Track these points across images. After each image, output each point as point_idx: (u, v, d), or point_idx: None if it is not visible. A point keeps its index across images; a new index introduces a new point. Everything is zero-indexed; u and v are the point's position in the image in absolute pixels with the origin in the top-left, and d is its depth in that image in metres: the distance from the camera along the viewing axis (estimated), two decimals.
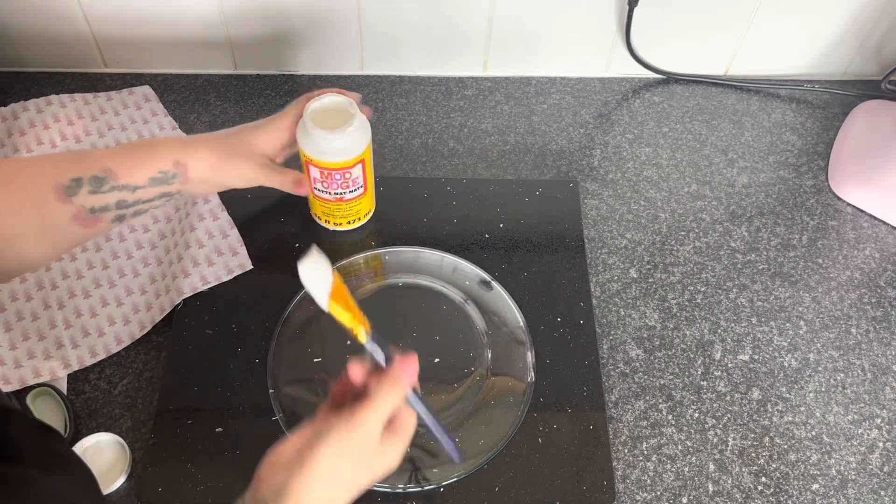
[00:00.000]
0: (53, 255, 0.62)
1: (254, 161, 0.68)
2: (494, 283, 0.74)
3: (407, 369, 0.52)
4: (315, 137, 0.68)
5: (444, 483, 0.63)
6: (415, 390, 0.54)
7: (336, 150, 0.68)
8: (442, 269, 0.75)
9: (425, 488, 0.63)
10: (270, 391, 0.67)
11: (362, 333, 0.52)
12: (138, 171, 0.61)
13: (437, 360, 0.70)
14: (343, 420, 0.49)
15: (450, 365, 0.70)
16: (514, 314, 0.72)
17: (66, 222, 0.58)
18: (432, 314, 0.73)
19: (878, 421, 0.70)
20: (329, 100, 0.69)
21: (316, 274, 0.51)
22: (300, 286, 0.65)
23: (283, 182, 0.70)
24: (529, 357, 0.70)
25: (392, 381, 0.51)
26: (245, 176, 0.68)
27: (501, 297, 0.73)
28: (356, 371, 0.53)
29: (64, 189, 0.57)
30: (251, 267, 0.75)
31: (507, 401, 0.68)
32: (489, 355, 0.71)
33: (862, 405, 0.71)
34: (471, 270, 0.75)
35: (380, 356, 0.53)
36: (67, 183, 0.57)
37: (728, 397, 0.70)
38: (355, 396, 0.52)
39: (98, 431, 0.65)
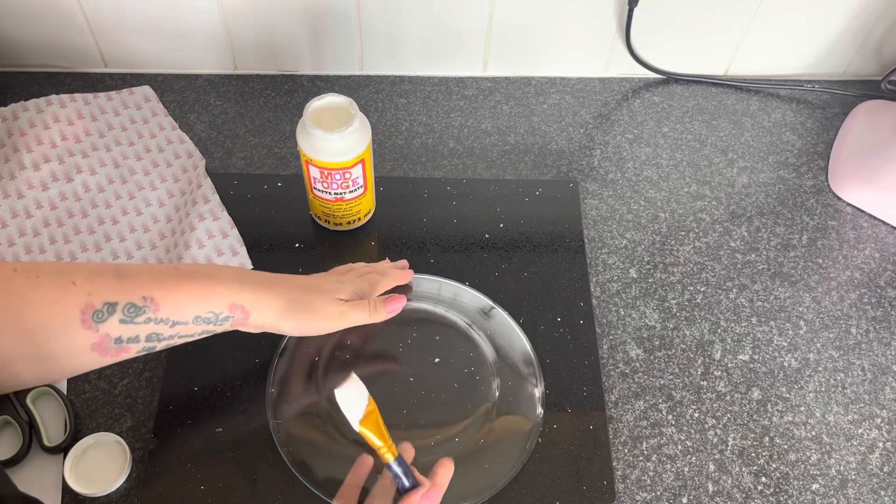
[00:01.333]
0: (56, 379, 0.55)
1: (325, 312, 0.62)
2: (497, 309, 0.72)
3: (427, 502, 0.53)
4: (315, 137, 0.68)
5: None
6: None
7: (336, 150, 0.68)
8: (441, 295, 0.74)
9: None
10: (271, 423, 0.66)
11: (388, 455, 0.54)
12: (186, 308, 0.54)
13: (441, 394, 0.68)
14: None
15: (455, 397, 0.68)
16: (521, 342, 0.71)
17: (83, 350, 0.50)
18: (435, 342, 0.71)
19: (878, 421, 0.70)
20: (329, 100, 0.69)
21: (351, 398, 0.53)
22: None
23: (363, 318, 0.65)
24: (538, 392, 0.68)
25: None
26: (317, 328, 0.63)
27: (506, 322, 0.72)
28: (363, 468, 0.57)
29: (93, 313, 0.49)
30: (251, 267, 0.75)
31: (512, 439, 0.66)
32: (496, 388, 0.68)
33: (862, 405, 0.71)
34: (472, 296, 0.73)
35: (401, 481, 0.54)
36: (99, 306, 0.49)
37: (728, 397, 0.70)
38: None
39: (98, 431, 0.65)
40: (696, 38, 0.90)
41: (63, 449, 0.64)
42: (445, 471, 0.56)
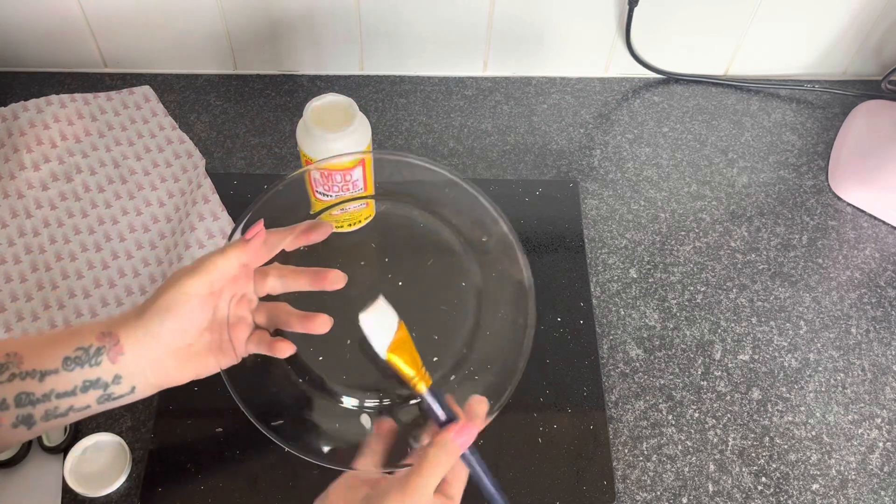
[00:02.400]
0: None
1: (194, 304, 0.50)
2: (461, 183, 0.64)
3: (462, 437, 0.50)
4: (315, 137, 0.68)
5: None
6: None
7: (336, 151, 0.68)
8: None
9: None
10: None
11: (421, 386, 0.51)
12: (51, 352, 0.47)
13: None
14: (396, 488, 0.47)
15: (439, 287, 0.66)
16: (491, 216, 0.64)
17: None
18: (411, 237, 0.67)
19: (879, 421, 0.70)
20: (329, 100, 0.69)
21: (379, 323, 0.50)
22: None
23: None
24: (521, 259, 0.62)
25: (446, 449, 0.49)
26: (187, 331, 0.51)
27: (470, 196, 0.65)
28: (384, 427, 0.53)
29: None
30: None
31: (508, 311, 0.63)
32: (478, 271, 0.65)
33: (862, 405, 0.71)
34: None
35: (436, 412, 0.51)
36: None
37: (728, 397, 0.70)
38: (393, 449, 0.52)
39: (98, 431, 0.65)
40: (696, 38, 0.90)
41: (63, 449, 0.64)
42: (480, 403, 0.53)
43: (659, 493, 0.65)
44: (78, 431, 0.65)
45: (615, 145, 0.88)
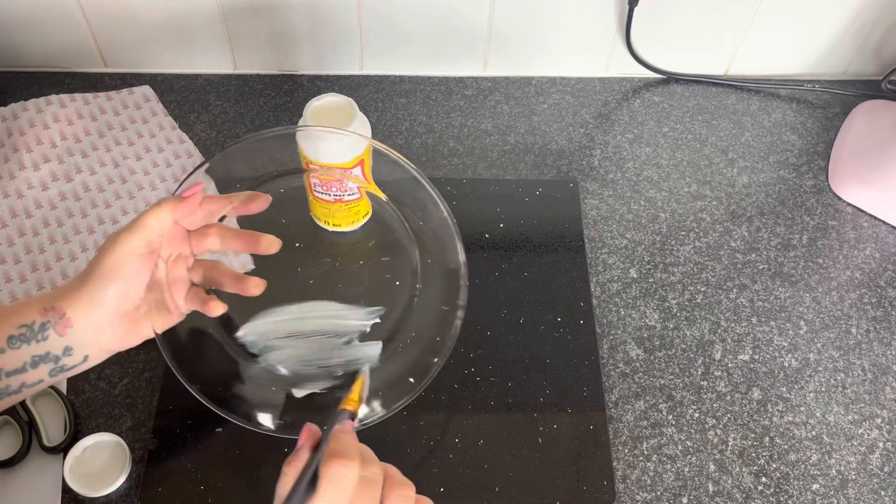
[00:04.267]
0: None
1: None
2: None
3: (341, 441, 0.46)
4: (314, 138, 0.67)
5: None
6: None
7: (336, 151, 0.68)
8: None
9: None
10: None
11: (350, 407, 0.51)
12: None
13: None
14: None
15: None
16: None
17: None
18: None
19: (879, 421, 0.70)
20: (329, 100, 0.69)
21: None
22: (301, 285, 0.65)
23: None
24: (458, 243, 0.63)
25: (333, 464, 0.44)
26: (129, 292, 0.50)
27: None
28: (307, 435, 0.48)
29: None
30: (252, 267, 0.74)
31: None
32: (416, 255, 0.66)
33: (862, 405, 0.71)
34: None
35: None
36: None
37: (728, 397, 0.70)
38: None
39: (98, 431, 0.65)
40: (696, 38, 0.90)
41: (63, 449, 0.64)
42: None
43: (659, 493, 0.65)
44: (78, 431, 0.65)
45: (615, 145, 0.88)
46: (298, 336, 0.62)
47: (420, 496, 0.47)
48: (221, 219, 0.56)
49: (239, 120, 0.88)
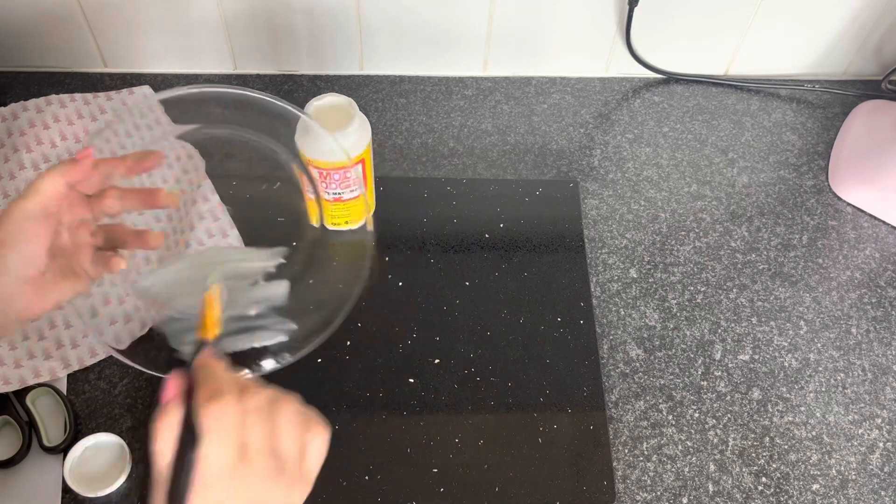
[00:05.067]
0: None
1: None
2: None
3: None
4: (314, 137, 0.67)
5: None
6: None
7: (335, 150, 0.68)
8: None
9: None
10: None
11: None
12: None
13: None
14: None
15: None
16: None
17: None
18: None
19: (879, 421, 0.70)
20: (329, 100, 0.69)
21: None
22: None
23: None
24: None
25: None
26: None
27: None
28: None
29: None
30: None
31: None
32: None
33: (862, 405, 0.71)
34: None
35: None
36: None
37: (728, 397, 0.70)
38: None
39: (98, 431, 0.65)
40: (696, 38, 0.90)
41: (63, 449, 0.64)
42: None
43: (659, 493, 0.65)
44: (78, 431, 0.65)
45: (615, 145, 0.88)
46: (202, 282, 0.62)
47: (302, 404, 0.44)
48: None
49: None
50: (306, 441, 0.42)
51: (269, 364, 0.60)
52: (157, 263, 0.67)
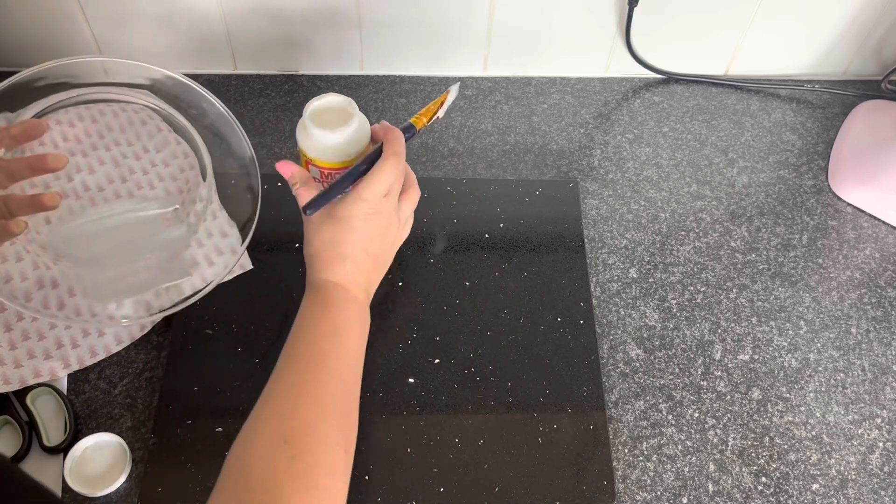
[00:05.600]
0: None
1: None
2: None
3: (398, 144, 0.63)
4: (315, 137, 0.67)
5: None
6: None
7: (336, 150, 0.68)
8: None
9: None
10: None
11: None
12: None
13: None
14: (351, 196, 0.61)
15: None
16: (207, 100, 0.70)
17: None
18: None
19: (879, 421, 0.70)
20: (329, 100, 0.69)
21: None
22: (301, 286, 0.65)
23: None
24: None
25: (394, 150, 0.63)
26: None
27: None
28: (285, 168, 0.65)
29: None
30: (251, 267, 0.75)
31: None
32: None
33: (862, 405, 0.71)
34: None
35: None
36: None
37: (728, 397, 0.70)
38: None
39: (98, 431, 0.65)
40: (696, 38, 0.90)
41: (63, 449, 0.64)
42: (389, 128, 0.65)
43: (659, 493, 0.65)
44: (78, 431, 0.65)
45: (615, 145, 0.88)
46: (105, 233, 0.63)
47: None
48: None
49: (239, 120, 0.87)
50: (405, 190, 0.66)
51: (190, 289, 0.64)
52: (57, 220, 0.69)
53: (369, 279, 0.63)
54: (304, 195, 0.63)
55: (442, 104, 0.70)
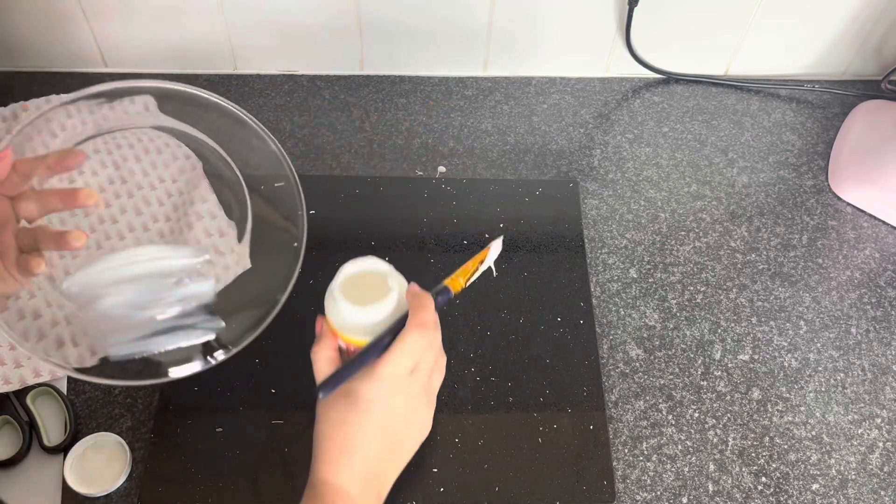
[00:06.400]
0: None
1: None
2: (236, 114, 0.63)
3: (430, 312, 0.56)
4: (343, 312, 0.56)
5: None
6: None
7: (367, 329, 0.56)
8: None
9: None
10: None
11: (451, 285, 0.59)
12: None
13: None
14: (367, 375, 0.53)
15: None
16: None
17: None
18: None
19: (878, 421, 0.70)
20: (366, 265, 0.59)
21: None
22: (302, 284, 0.64)
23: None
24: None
25: (421, 323, 0.55)
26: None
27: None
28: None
29: None
30: (250, 266, 0.74)
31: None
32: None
33: (862, 405, 0.71)
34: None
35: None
36: None
37: (728, 397, 0.70)
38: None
39: (98, 431, 0.65)
40: (696, 38, 0.90)
41: (63, 449, 0.64)
42: (418, 294, 0.58)
43: (659, 493, 0.65)
44: (78, 431, 0.65)
45: (615, 145, 0.88)
46: (125, 282, 0.58)
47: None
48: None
49: None
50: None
51: (196, 366, 0.59)
52: (80, 263, 0.64)
53: (382, 478, 0.55)
54: (322, 371, 0.55)
55: (482, 261, 0.61)
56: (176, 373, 0.58)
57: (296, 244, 0.63)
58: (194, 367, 0.59)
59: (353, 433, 0.53)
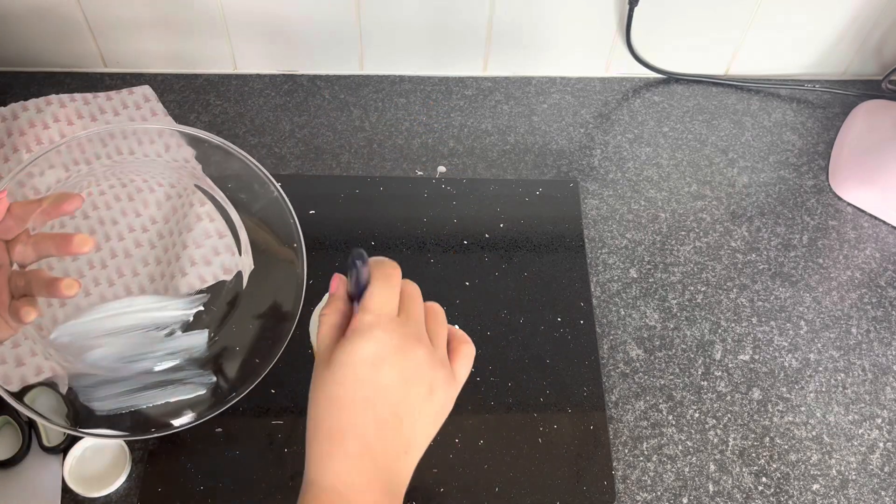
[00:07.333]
0: None
1: None
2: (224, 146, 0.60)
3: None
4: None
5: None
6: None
7: None
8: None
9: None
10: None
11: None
12: None
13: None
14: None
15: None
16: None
17: None
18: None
19: (879, 421, 0.70)
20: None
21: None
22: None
23: None
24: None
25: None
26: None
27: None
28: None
29: None
30: (251, 267, 0.74)
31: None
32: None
33: (862, 405, 0.71)
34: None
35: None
36: None
37: (728, 397, 0.70)
38: None
39: None
40: (697, 38, 0.90)
41: (63, 449, 0.64)
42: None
43: (659, 493, 0.65)
44: None
45: (615, 145, 0.88)
46: (116, 333, 0.57)
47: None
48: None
49: (239, 120, 0.87)
50: (455, 347, 0.49)
51: (187, 418, 0.58)
52: (70, 310, 0.62)
53: (387, 472, 0.44)
54: (324, 336, 0.47)
55: None
56: (182, 421, 0.58)
57: (298, 270, 0.61)
58: (185, 419, 0.58)
59: (339, 412, 0.43)
